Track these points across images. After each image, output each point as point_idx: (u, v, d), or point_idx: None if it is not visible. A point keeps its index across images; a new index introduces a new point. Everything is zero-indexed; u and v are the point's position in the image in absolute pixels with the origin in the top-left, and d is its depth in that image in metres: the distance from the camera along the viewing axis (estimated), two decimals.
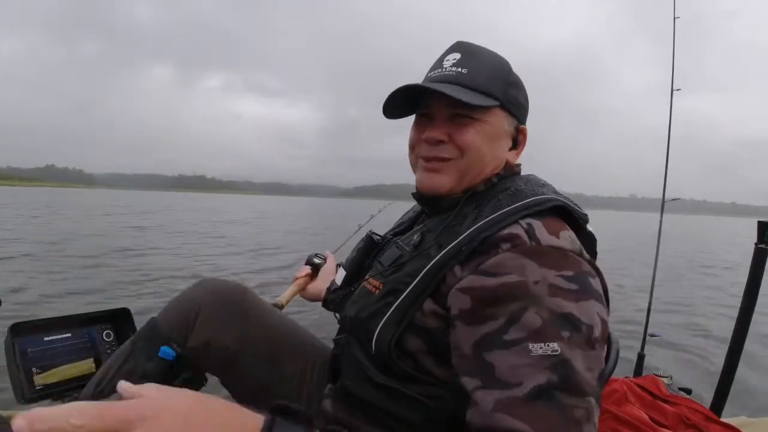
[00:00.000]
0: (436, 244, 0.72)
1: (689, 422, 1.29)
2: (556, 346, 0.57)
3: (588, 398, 0.57)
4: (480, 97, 0.75)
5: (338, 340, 0.87)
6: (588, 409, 0.56)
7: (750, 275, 1.52)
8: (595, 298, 0.63)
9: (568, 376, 0.56)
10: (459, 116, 0.77)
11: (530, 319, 0.59)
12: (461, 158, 0.78)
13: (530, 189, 0.74)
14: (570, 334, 0.58)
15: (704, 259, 12.63)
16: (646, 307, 2.35)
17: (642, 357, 2.15)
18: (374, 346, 0.71)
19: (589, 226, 0.78)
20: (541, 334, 0.58)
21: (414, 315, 0.69)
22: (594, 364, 0.59)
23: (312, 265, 1.22)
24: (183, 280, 6.07)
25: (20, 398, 1.12)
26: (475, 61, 0.78)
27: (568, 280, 0.61)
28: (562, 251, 0.64)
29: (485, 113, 0.77)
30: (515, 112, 0.80)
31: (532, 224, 0.66)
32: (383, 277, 0.77)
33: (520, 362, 0.57)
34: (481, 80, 0.77)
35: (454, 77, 0.77)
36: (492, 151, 0.79)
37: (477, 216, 0.71)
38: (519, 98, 0.81)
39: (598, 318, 0.62)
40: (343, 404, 0.79)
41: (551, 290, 0.60)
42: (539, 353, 0.57)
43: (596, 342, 0.60)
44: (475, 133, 0.77)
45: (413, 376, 0.70)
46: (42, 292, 5.01)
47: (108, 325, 1.32)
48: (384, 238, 0.97)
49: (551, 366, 0.56)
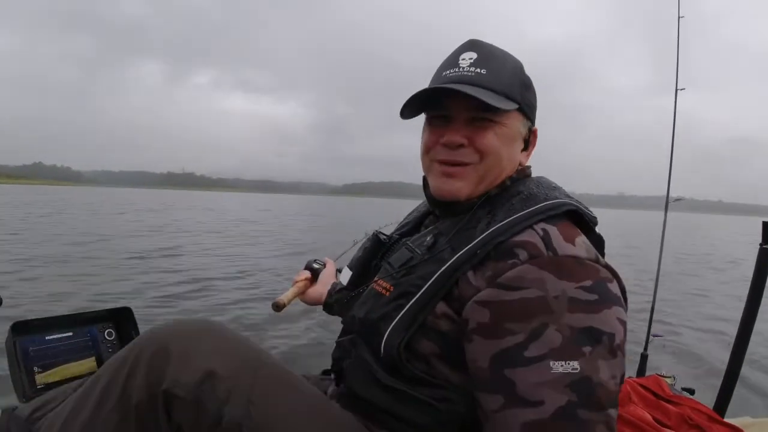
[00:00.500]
0: (449, 247, 0.71)
1: (692, 422, 1.28)
2: (577, 365, 0.58)
3: (608, 411, 0.58)
4: (502, 99, 0.74)
5: (342, 342, 0.86)
6: (608, 421, 0.58)
7: (754, 275, 1.51)
8: (614, 303, 0.63)
9: (589, 392, 0.57)
10: (478, 119, 0.76)
11: (551, 335, 0.59)
12: (480, 163, 0.76)
13: (543, 192, 0.74)
14: (592, 347, 0.59)
15: (692, 256, 12.62)
16: (649, 307, 2.34)
17: (645, 357, 2.15)
18: (383, 349, 0.71)
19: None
20: (562, 352, 0.58)
21: (426, 318, 0.69)
22: (617, 370, 0.61)
23: (311, 270, 1.21)
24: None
25: (21, 397, 1.12)
26: (494, 62, 0.77)
27: (587, 290, 0.62)
28: (579, 260, 0.64)
29: (504, 116, 0.76)
30: (529, 113, 0.80)
31: (548, 231, 0.66)
32: (394, 279, 0.76)
33: (541, 380, 0.58)
34: (502, 82, 0.76)
35: (473, 78, 0.75)
36: (509, 155, 0.78)
37: (491, 220, 0.71)
38: (532, 99, 0.80)
39: (619, 323, 0.62)
40: (347, 407, 0.78)
41: (571, 304, 0.60)
42: (560, 371, 0.58)
43: (618, 348, 0.62)
44: (495, 136, 0.76)
45: (423, 379, 0.69)
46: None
47: (109, 324, 1.32)
48: (391, 238, 0.96)
49: (571, 384, 0.57)
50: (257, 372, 0.71)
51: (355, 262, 1.01)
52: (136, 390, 0.68)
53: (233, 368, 0.69)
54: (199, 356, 0.69)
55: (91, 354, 1.25)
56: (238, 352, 0.72)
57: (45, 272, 6.18)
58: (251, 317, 4.40)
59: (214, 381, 0.68)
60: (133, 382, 0.69)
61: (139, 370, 0.68)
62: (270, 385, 0.72)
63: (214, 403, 0.67)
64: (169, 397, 0.67)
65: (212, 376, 0.68)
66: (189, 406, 0.67)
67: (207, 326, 0.75)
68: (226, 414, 0.67)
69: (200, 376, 0.68)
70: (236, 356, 0.72)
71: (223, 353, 0.71)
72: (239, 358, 0.72)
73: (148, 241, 10.13)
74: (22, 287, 5.23)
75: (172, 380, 0.67)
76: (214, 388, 0.68)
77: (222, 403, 0.67)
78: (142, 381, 0.68)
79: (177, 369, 0.68)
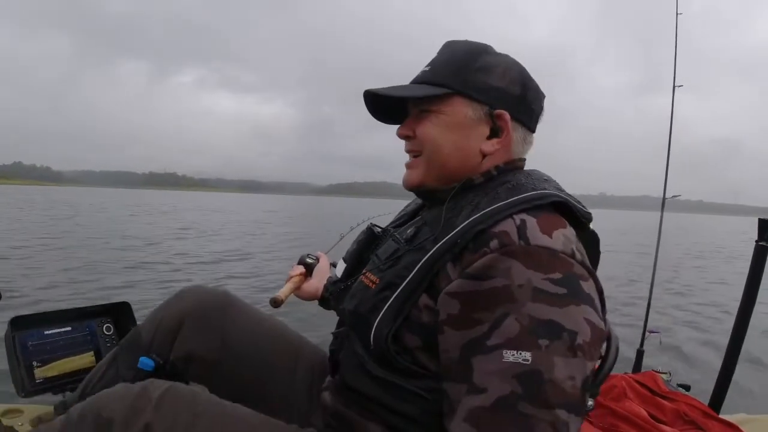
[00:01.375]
0: (432, 237, 0.71)
1: (688, 418, 1.29)
2: (528, 356, 0.56)
3: (555, 410, 0.56)
4: (429, 88, 0.76)
5: (337, 334, 0.87)
6: (554, 422, 0.55)
7: (750, 272, 1.52)
8: (584, 302, 0.61)
9: (536, 387, 0.56)
10: (422, 111, 0.78)
11: (510, 324, 0.58)
12: (424, 152, 0.79)
13: (531, 183, 0.72)
14: (549, 341, 0.57)
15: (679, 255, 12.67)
16: (644, 303, 2.35)
17: (641, 353, 2.16)
18: (373, 341, 0.71)
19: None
20: (517, 342, 0.57)
21: (410, 310, 0.69)
22: (576, 372, 0.58)
23: (305, 264, 1.21)
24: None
25: (21, 391, 1.12)
26: (440, 56, 0.79)
27: (556, 283, 0.59)
28: (552, 252, 0.61)
29: (442, 104, 0.76)
30: (480, 97, 0.76)
31: (526, 221, 0.64)
32: (380, 271, 0.76)
33: (492, 368, 0.58)
34: (437, 72, 0.77)
35: (418, 77, 0.79)
36: (454, 142, 0.76)
37: (474, 208, 0.69)
38: (489, 81, 0.76)
39: (586, 323, 0.60)
40: (341, 397, 0.80)
41: (535, 294, 0.59)
42: (510, 360, 0.57)
43: (580, 349, 0.58)
44: (431, 124, 0.77)
45: (412, 371, 0.69)
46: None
47: (108, 319, 1.32)
48: (385, 231, 0.97)
49: (519, 375, 0.56)
50: (194, 424, 0.74)
51: (349, 254, 1.01)
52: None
53: (171, 429, 0.73)
54: (139, 421, 0.72)
55: (90, 348, 1.26)
56: (175, 410, 0.75)
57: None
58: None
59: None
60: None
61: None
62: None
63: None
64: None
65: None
66: None
67: (149, 387, 0.77)
68: None
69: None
70: (173, 413, 0.74)
71: (161, 411, 0.74)
72: (175, 414, 0.75)
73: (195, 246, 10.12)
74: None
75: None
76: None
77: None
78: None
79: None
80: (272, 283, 6.11)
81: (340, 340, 0.84)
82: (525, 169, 0.81)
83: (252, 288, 5.73)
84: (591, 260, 0.71)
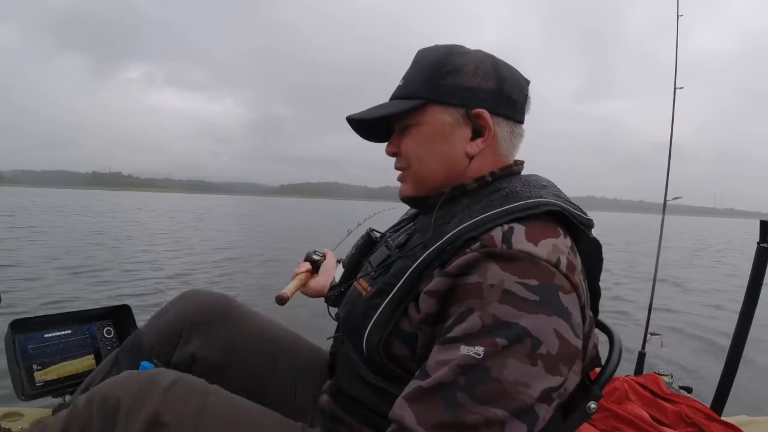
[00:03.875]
0: (422, 244, 0.70)
1: (690, 421, 1.29)
2: (481, 351, 0.55)
3: (492, 408, 0.54)
4: (402, 103, 0.75)
5: (335, 338, 0.88)
6: (488, 419, 0.53)
7: (752, 274, 1.52)
8: (558, 314, 0.57)
9: (479, 382, 0.54)
10: (404, 127, 0.78)
11: (472, 320, 0.57)
12: (409, 166, 0.79)
13: (526, 191, 0.69)
14: (507, 342, 0.55)
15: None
16: (646, 305, 2.35)
17: (643, 355, 2.16)
18: (365, 347, 0.70)
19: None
20: (474, 337, 0.56)
21: (399, 319, 0.68)
22: (533, 380, 0.55)
23: (311, 261, 1.20)
24: None
25: (21, 395, 1.12)
26: (412, 67, 0.78)
27: (529, 289, 0.57)
28: (533, 258, 0.59)
29: (419, 115, 0.75)
30: (454, 100, 0.74)
31: (513, 228, 0.62)
32: (372, 278, 0.76)
33: (444, 358, 0.57)
34: (408, 86, 0.77)
35: (396, 92, 0.79)
36: (437, 151, 0.75)
37: (465, 216, 0.68)
38: (460, 82, 0.74)
39: (555, 336, 0.57)
40: (337, 401, 0.80)
41: (503, 296, 0.57)
42: (462, 353, 0.56)
43: (541, 358, 0.55)
44: (411, 138, 0.77)
45: (404, 378, 0.68)
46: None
47: (108, 322, 1.32)
48: (383, 236, 0.96)
49: (465, 366, 0.55)
50: (202, 412, 0.72)
51: (348, 259, 1.01)
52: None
53: (177, 415, 0.71)
54: (146, 406, 0.70)
55: (90, 352, 1.25)
56: (184, 398, 0.73)
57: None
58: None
59: (159, 429, 0.69)
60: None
61: (94, 427, 0.71)
62: (215, 426, 0.72)
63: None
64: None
65: (157, 425, 0.69)
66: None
67: (157, 375, 0.75)
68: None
69: (145, 427, 0.69)
70: (182, 401, 0.73)
71: (169, 400, 0.72)
72: (185, 402, 0.72)
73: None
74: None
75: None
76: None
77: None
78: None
79: (125, 423, 0.69)
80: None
81: (338, 343, 0.85)
82: (522, 174, 0.78)
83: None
84: (592, 268, 0.70)
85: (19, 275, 6.01)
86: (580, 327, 0.61)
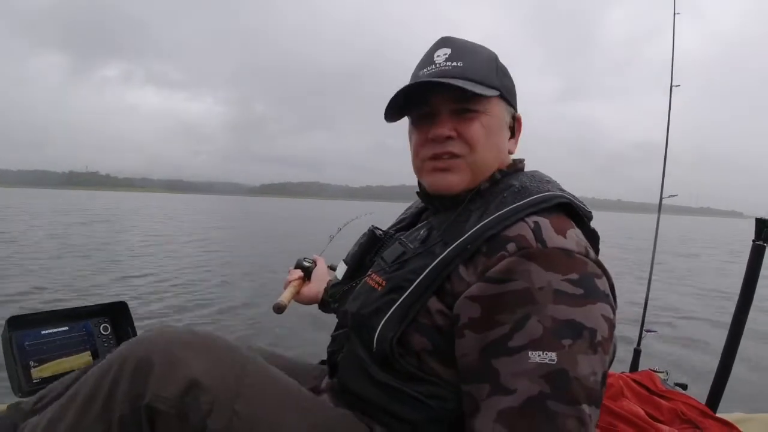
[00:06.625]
0: (441, 241, 0.71)
1: (685, 417, 1.29)
2: (554, 356, 0.58)
3: (580, 406, 0.58)
4: (481, 87, 0.74)
5: (336, 336, 0.86)
6: (580, 417, 0.57)
7: (747, 271, 1.52)
8: (600, 299, 0.63)
9: (563, 385, 0.57)
10: (462, 110, 0.76)
11: (533, 326, 0.59)
12: (470, 154, 0.76)
13: (535, 186, 0.73)
14: (572, 341, 0.59)
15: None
16: (642, 302, 2.36)
17: (638, 352, 2.16)
18: (376, 343, 0.71)
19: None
20: (541, 343, 0.59)
21: (418, 313, 0.69)
22: (598, 367, 0.60)
23: (302, 268, 1.20)
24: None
25: (17, 391, 1.12)
26: (468, 54, 0.77)
27: (573, 284, 0.61)
28: (568, 252, 0.63)
29: (487, 105, 0.76)
30: (511, 100, 0.80)
31: (539, 223, 0.66)
32: (386, 273, 0.76)
33: (518, 369, 0.59)
34: (479, 71, 0.76)
35: (452, 71, 0.75)
36: (497, 143, 0.79)
37: (482, 213, 0.70)
38: (510, 85, 0.81)
39: (603, 320, 0.62)
40: (341, 400, 0.79)
41: (555, 296, 0.60)
42: (536, 361, 0.58)
43: (599, 345, 0.61)
44: (481, 125, 0.76)
45: (414, 375, 0.69)
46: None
47: (105, 319, 1.32)
48: (387, 234, 0.96)
49: (546, 375, 0.58)
50: (242, 381, 0.70)
51: (350, 256, 1.00)
52: (119, 403, 0.67)
53: (217, 378, 0.68)
54: (182, 367, 0.67)
55: (87, 348, 1.25)
56: (222, 362, 0.71)
57: None
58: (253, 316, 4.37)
59: (197, 392, 0.66)
60: (116, 395, 0.67)
61: (123, 383, 0.68)
62: (256, 394, 0.70)
63: (197, 415, 0.66)
64: (152, 411, 0.66)
65: (195, 387, 0.67)
66: (172, 420, 0.66)
67: (191, 335, 0.73)
68: (209, 426, 0.66)
69: (183, 388, 0.66)
70: (221, 365, 0.70)
71: (207, 363, 0.69)
72: (224, 367, 0.70)
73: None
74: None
75: (154, 394, 0.66)
76: (197, 399, 0.66)
77: (205, 416, 0.66)
78: (124, 394, 0.67)
79: (159, 381, 0.66)
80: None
81: (339, 342, 0.84)
82: (527, 171, 0.81)
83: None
84: None
85: None
86: (613, 304, 0.66)
